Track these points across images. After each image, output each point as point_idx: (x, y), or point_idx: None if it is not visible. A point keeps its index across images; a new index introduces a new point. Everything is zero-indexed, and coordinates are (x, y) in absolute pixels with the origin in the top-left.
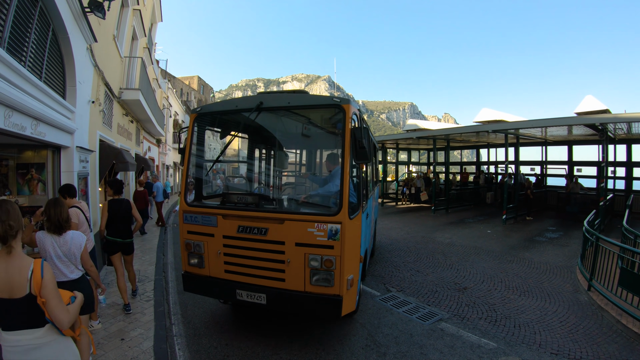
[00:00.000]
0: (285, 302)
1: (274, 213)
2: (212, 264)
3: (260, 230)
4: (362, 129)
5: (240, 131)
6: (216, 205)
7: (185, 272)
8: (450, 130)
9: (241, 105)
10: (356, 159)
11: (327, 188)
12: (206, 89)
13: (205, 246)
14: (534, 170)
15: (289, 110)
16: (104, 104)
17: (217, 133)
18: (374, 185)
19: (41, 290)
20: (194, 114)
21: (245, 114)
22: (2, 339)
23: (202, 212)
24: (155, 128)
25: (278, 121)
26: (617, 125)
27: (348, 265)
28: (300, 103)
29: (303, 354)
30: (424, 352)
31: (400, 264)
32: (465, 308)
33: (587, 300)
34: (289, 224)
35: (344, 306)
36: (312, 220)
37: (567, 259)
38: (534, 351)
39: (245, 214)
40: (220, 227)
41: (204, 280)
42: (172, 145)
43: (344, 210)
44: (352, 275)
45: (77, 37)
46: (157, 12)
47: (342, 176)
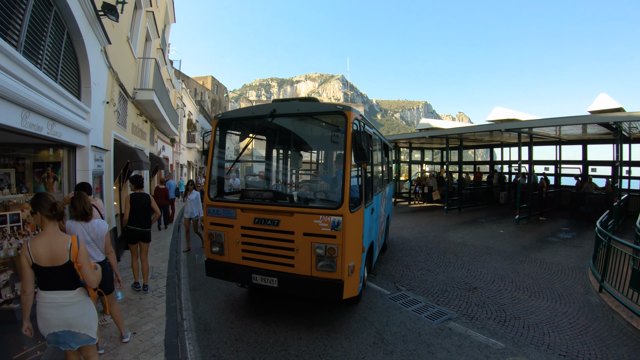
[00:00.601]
0: (294, 286)
1: (285, 207)
2: (231, 251)
3: (273, 222)
4: (363, 133)
5: (257, 134)
6: (236, 200)
7: (208, 259)
8: (463, 129)
9: (257, 112)
10: (356, 160)
11: (332, 185)
12: (220, 89)
13: (226, 236)
14: (548, 170)
15: (298, 117)
16: (119, 104)
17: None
18: (384, 184)
19: (77, 258)
20: (216, 119)
21: (261, 120)
22: (39, 296)
23: (223, 206)
24: (169, 128)
25: (289, 126)
26: (632, 124)
27: (349, 253)
28: (308, 110)
29: (311, 350)
30: (432, 351)
31: (411, 263)
32: (475, 308)
33: (598, 301)
34: (298, 216)
35: (345, 290)
36: (317, 213)
37: (580, 260)
38: (542, 352)
39: (260, 207)
40: (239, 218)
41: (224, 266)
42: (186, 144)
43: (345, 204)
44: (353, 262)
45: (91, 40)
46: (170, 13)
47: (343, 174)
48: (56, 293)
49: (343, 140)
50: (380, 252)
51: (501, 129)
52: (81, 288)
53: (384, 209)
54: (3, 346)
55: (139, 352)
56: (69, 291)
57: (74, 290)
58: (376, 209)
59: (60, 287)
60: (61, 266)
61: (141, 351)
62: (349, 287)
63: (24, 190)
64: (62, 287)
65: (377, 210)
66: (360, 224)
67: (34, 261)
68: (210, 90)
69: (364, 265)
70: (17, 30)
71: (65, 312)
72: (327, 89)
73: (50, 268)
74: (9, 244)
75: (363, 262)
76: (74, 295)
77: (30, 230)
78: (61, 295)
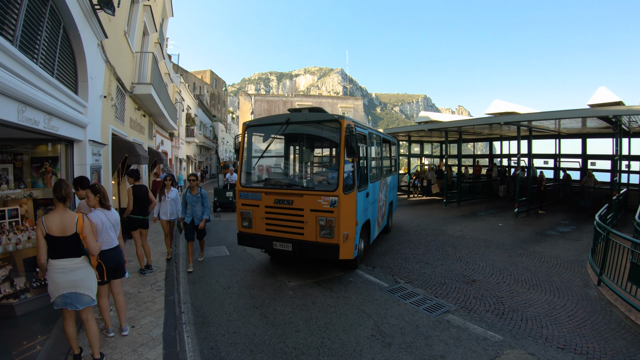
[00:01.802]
0: (303, 249)
1: (297, 190)
2: (257, 225)
3: (288, 202)
4: (353, 135)
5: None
6: (260, 186)
7: (240, 232)
8: (462, 122)
9: (276, 120)
10: (347, 156)
11: (331, 175)
12: (219, 83)
13: (253, 213)
14: (547, 164)
15: (306, 124)
16: (116, 99)
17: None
18: (385, 174)
19: (82, 230)
20: (244, 125)
21: (278, 126)
22: (51, 265)
23: (252, 190)
24: (168, 122)
25: (300, 130)
26: (632, 118)
27: (343, 224)
28: (313, 119)
29: (309, 342)
30: (429, 343)
31: (410, 255)
32: (473, 300)
33: (596, 295)
34: (307, 197)
35: (341, 252)
36: (320, 195)
37: (579, 253)
38: (540, 345)
39: (279, 191)
40: (263, 200)
41: (252, 236)
42: (185, 138)
43: (339, 188)
44: (347, 232)
45: (87, 34)
46: (167, 7)
47: (339, 166)
48: (65, 260)
49: (339, 141)
50: (384, 233)
51: (500, 122)
52: (85, 256)
53: (385, 195)
54: (3, 341)
55: (137, 345)
56: (75, 258)
57: (79, 258)
58: (372, 194)
59: (68, 255)
60: (69, 236)
61: (139, 344)
62: (344, 250)
63: (22, 185)
64: (70, 255)
65: (373, 195)
66: (354, 204)
67: (47, 232)
68: (209, 85)
69: (359, 236)
70: (13, 24)
71: (73, 275)
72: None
73: (61, 237)
74: (7, 239)
75: (358, 234)
76: (79, 262)
77: (28, 225)
78: (69, 262)
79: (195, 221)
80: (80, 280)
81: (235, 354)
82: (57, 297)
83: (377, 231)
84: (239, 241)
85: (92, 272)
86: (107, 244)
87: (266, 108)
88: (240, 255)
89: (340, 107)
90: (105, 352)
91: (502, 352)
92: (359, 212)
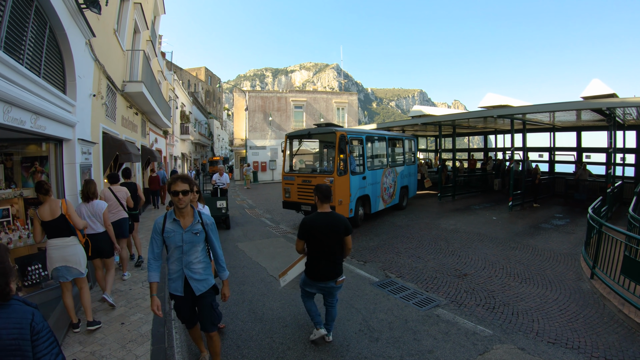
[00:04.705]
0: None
1: (313, 174)
2: (292, 195)
3: (309, 181)
4: (343, 141)
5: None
6: (294, 172)
7: (284, 200)
8: (455, 116)
9: (302, 132)
10: (339, 154)
11: (331, 165)
12: (213, 80)
13: (291, 188)
14: (542, 157)
15: (319, 134)
16: (107, 97)
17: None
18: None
19: (67, 210)
20: (286, 136)
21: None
22: (48, 244)
23: (290, 175)
24: (161, 120)
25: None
26: (626, 111)
27: (338, 194)
28: (323, 131)
29: (296, 337)
30: (417, 338)
31: (402, 250)
32: (464, 295)
33: (589, 288)
34: (318, 177)
35: (337, 211)
36: (324, 176)
37: (572, 247)
38: (530, 339)
39: (304, 175)
40: (296, 180)
41: (290, 202)
42: (179, 136)
43: (335, 172)
44: (341, 199)
45: (74, 33)
46: (159, 4)
47: (334, 160)
48: (58, 240)
49: (335, 145)
50: (397, 209)
51: (493, 115)
52: (74, 236)
53: (393, 180)
54: None
55: (126, 341)
56: (66, 238)
57: (69, 237)
58: (371, 178)
59: (61, 234)
60: (58, 217)
61: (128, 340)
62: (340, 210)
63: (13, 185)
64: (62, 235)
65: (373, 179)
66: (347, 182)
67: (41, 219)
68: (203, 82)
69: (355, 204)
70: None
71: (63, 251)
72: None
73: (52, 220)
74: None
75: (353, 202)
76: (69, 240)
77: (20, 225)
78: (62, 240)
79: (193, 287)
80: (70, 256)
81: (222, 349)
82: (52, 270)
83: (383, 205)
84: (284, 206)
85: (81, 249)
86: (90, 229)
87: (260, 104)
88: (232, 252)
89: (335, 102)
90: (94, 349)
91: (492, 346)
92: (353, 188)
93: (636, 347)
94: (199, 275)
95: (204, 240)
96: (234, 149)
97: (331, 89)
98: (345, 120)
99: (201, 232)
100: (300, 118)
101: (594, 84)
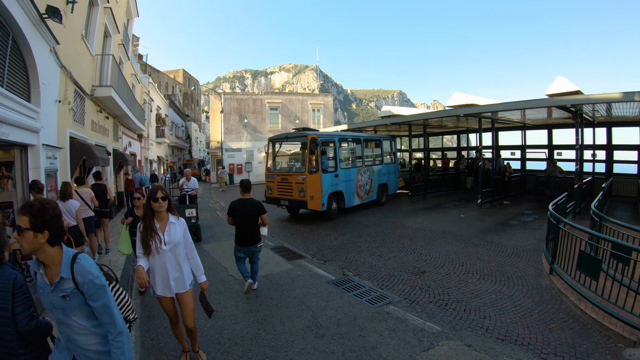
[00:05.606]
0: (292, 203)
1: (290, 173)
2: (274, 192)
3: (286, 179)
4: (316, 143)
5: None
6: (275, 171)
7: (266, 196)
8: (422, 115)
9: (281, 137)
10: (310, 155)
11: (304, 164)
12: (192, 82)
13: (272, 186)
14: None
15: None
16: (74, 102)
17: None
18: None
19: None
20: (269, 139)
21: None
22: None
23: (271, 174)
24: (135, 123)
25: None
26: (596, 108)
27: (309, 190)
28: (296, 135)
29: (244, 334)
30: (363, 334)
31: (364, 248)
32: (418, 292)
33: (548, 284)
34: (294, 176)
35: (309, 204)
36: (298, 175)
37: (537, 242)
38: (479, 336)
39: (282, 174)
40: (276, 178)
41: (272, 198)
42: (155, 139)
43: (306, 171)
44: (313, 194)
45: (37, 42)
46: (132, 7)
47: (305, 160)
48: None
49: (307, 148)
50: (376, 205)
51: (459, 114)
52: None
53: (369, 178)
54: None
55: None
56: None
57: None
58: (344, 176)
59: None
60: None
61: None
62: (311, 204)
63: None
64: None
65: (346, 177)
66: (318, 179)
67: None
68: (181, 84)
69: (327, 199)
70: None
71: None
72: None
73: None
74: None
75: (325, 197)
76: None
77: None
78: None
79: None
80: None
81: (172, 344)
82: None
83: (358, 201)
84: (267, 201)
85: None
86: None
87: (236, 106)
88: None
89: (310, 103)
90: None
91: (437, 343)
92: (325, 185)
93: (590, 343)
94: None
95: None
96: (210, 152)
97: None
98: (320, 122)
99: (75, 295)
100: (276, 120)
101: (558, 82)
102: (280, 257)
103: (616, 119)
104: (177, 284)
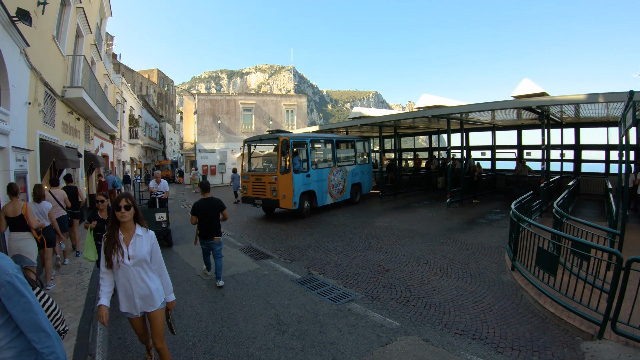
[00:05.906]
0: (266, 202)
1: (263, 173)
2: (249, 191)
3: (260, 179)
4: (287, 145)
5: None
6: (250, 172)
7: (243, 196)
8: (392, 116)
9: (255, 139)
10: (281, 156)
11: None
12: (166, 82)
13: (248, 185)
14: (485, 155)
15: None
16: (45, 104)
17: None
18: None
19: (26, 211)
20: (244, 141)
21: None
22: (10, 236)
23: (246, 175)
24: (107, 124)
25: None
26: (563, 109)
27: (281, 190)
28: (269, 137)
29: (208, 331)
30: (323, 330)
31: (331, 248)
32: (381, 289)
33: (509, 280)
34: (267, 176)
35: (281, 203)
36: (271, 175)
37: (502, 240)
38: (437, 331)
39: (257, 174)
40: (251, 179)
41: (247, 198)
42: (128, 140)
43: (278, 171)
44: (284, 193)
45: (7, 44)
46: (106, 7)
47: (278, 161)
48: (17, 233)
49: (279, 149)
50: (350, 204)
51: (428, 115)
52: (29, 232)
53: (342, 177)
54: None
55: None
56: (23, 232)
57: (25, 232)
58: (316, 175)
59: (20, 229)
60: (19, 216)
61: None
62: (283, 203)
63: None
64: (20, 229)
65: (318, 176)
66: (289, 179)
67: (5, 214)
68: (156, 84)
69: (299, 198)
70: None
71: (19, 243)
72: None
73: (14, 217)
74: None
75: (297, 196)
76: (26, 235)
77: None
78: (20, 234)
79: None
80: (24, 247)
81: (139, 343)
82: (12, 257)
83: (331, 200)
84: (243, 200)
85: (33, 243)
86: None
87: (209, 107)
88: (166, 255)
89: (284, 104)
90: None
91: (396, 338)
92: (297, 185)
93: (548, 336)
94: None
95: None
96: (184, 153)
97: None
98: (294, 123)
99: None
100: (250, 121)
101: (524, 84)
102: (248, 257)
103: (584, 120)
104: (144, 302)
